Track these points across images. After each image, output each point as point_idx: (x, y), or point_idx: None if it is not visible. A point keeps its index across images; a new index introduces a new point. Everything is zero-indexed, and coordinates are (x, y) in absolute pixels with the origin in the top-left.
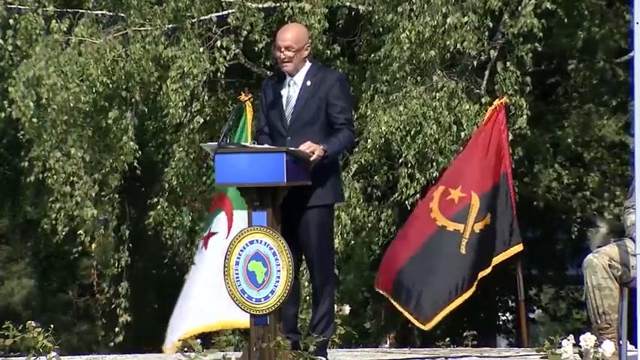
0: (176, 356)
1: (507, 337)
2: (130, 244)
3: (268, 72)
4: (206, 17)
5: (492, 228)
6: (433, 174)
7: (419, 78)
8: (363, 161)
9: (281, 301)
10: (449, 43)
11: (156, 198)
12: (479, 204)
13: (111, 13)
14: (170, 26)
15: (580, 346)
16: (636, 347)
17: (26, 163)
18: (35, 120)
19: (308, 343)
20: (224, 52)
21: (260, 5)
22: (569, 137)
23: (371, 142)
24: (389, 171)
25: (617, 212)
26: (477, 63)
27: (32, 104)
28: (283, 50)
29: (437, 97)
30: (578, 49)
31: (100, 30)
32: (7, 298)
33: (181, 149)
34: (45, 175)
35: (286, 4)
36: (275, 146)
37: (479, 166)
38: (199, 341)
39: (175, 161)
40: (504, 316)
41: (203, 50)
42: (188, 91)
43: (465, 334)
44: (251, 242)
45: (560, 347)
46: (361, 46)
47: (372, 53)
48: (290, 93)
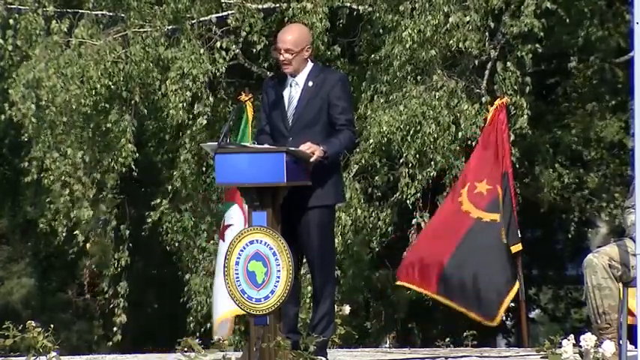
0: (176, 356)
1: (506, 337)
2: (130, 244)
3: (268, 72)
4: (206, 18)
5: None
6: (431, 173)
7: (419, 77)
8: (364, 161)
9: (281, 301)
10: (450, 43)
11: (159, 200)
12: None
13: (111, 14)
14: (170, 27)
15: (580, 346)
16: (636, 347)
17: (26, 164)
18: (35, 120)
19: (308, 343)
20: (224, 53)
21: (260, 6)
22: (569, 137)
23: (371, 143)
24: (389, 171)
25: (616, 212)
26: (477, 63)
27: (33, 106)
28: (283, 52)
29: (436, 97)
30: (578, 49)
31: (100, 31)
32: (7, 297)
33: (185, 151)
34: (42, 176)
35: (286, 5)
36: (276, 146)
37: (493, 162)
38: (199, 341)
39: (180, 163)
40: (504, 316)
41: (203, 51)
42: (188, 92)
43: (465, 334)
44: (251, 242)
45: (560, 347)
46: (361, 47)
47: (373, 53)
48: (292, 93)
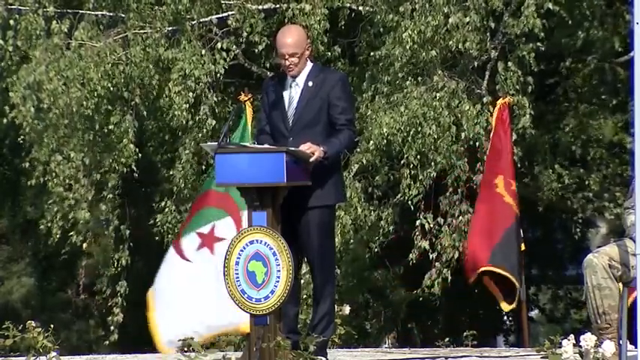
0: (176, 356)
1: (505, 337)
2: (131, 244)
3: (268, 72)
4: (206, 19)
5: None
6: (432, 174)
7: (419, 78)
8: (364, 161)
9: (281, 301)
10: (451, 43)
11: (163, 202)
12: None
13: (111, 14)
14: (170, 28)
15: (580, 346)
16: (636, 347)
17: (27, 164)
18: (36, 122)
19: (308, 343)
20: (224, 54)
21: (260, 7)
22: (569, 137)
23: (372, 143)
24: (389, 171)
25: (616, 212)
26: (478, 63)
27: (33, 109)
28: (288, 57)
29: (437, 97)
30: (577, 50)
31: (100, 33)
32: (7, 297)
33: (187, 151)
34: (46, 179)
35: (286, 5)
36: (275, 146)
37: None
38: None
39: (182, 163)
40: (504, 316)
41: (204, 52)
42: (191, 93)
43: (465, 334)
44: (251, 242)
45: (560, 347)
46: (361, 47)
47: (373, 53)
48: (292, 94)
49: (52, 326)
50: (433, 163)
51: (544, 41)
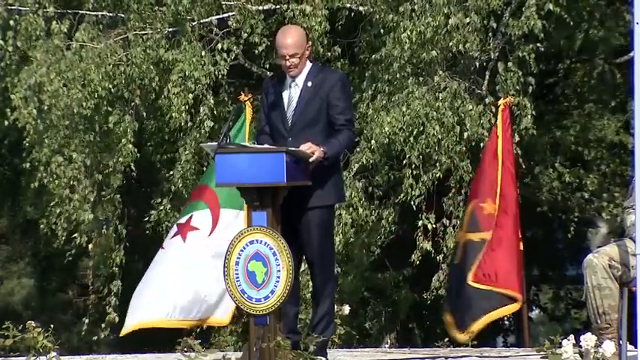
0: (176, 356)
1: (504, 337)
2: (128, 244)
3: (268, 72)
4: (206, 20)
5: None
6: (437, 174)
7: (420, 78)
8: (365, 161)
9: (281, 301)
10: (451, 44)
11: (159, 199)
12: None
13: (111, 14)
14: (170, 29)
15: (580, 346)
16: (636, 347)
17: (27, 164)
18: (38, 122)
19: (308, 343)
20: (225, 55)
21: (260, 7)
22: (569, 137)
23: (374, 143)
24: (390, 171)
25: (616, 212)
26: (478, 64)
27: (34, 110)
28: (289, 58)
29: (440, 98)
30: (577, 50)
31: (101, 34)
32: (7, 298)
33: (187, 152)
34: (47, 180)
35: (286, 6)
36: (276, 146)
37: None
38: (198, 341)
39: (182, 163)
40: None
41: (205, 53)
42: (190, 94)
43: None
44: (251, 242)
45: (560, 347)
46: (361, 47)
47: (373, 53)
48: (291, 94)
49: (52, 326)
50: (438, 164)
51: (544, 42)
